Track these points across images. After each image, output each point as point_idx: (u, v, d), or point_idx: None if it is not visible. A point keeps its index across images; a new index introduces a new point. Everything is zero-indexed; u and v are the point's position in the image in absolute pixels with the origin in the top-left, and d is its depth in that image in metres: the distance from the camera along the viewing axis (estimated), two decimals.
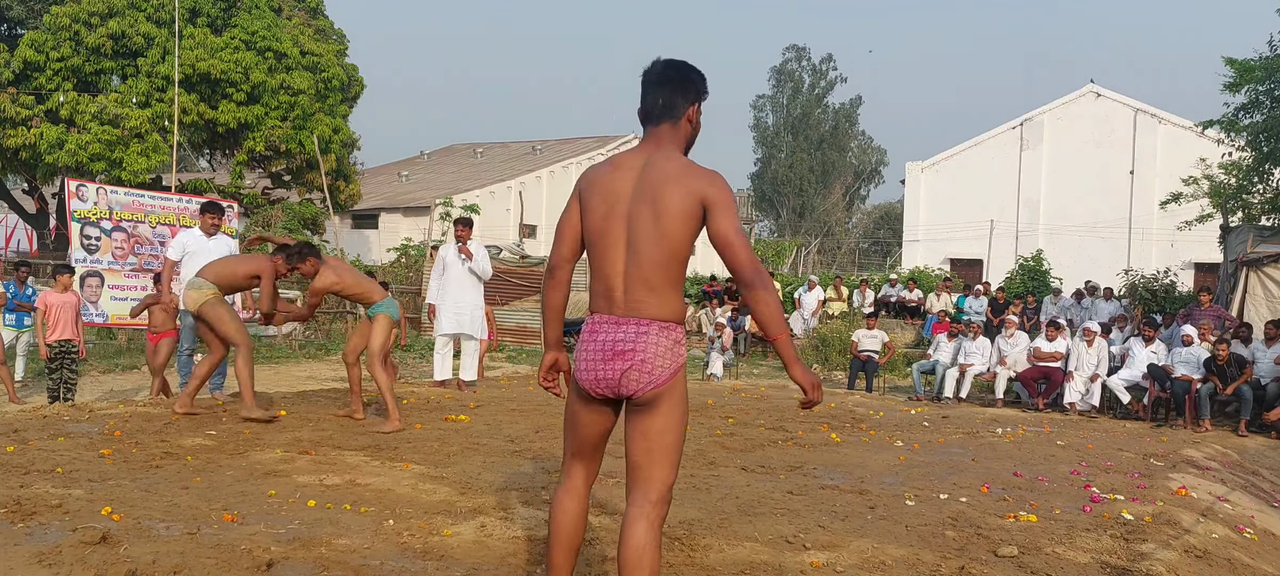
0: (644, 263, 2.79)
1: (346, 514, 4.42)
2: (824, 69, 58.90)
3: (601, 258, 2.85)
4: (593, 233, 2.87)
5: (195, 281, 6.97)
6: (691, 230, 2.80)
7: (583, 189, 2.93)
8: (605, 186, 2.87)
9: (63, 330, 9.65)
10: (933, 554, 4.16)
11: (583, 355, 2.86)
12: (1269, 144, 15.71)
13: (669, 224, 2.78)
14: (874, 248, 53.23)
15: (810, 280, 21.77)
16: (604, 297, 2.85)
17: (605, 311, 2.84)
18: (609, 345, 2.80)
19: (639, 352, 2.77)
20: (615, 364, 2.78)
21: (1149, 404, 11.40)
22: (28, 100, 22.01)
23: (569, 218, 2.93)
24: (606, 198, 2.85)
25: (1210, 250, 23.11)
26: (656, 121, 2.97)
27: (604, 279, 2.84)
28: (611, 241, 2.82)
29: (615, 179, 2.87)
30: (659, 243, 2.78)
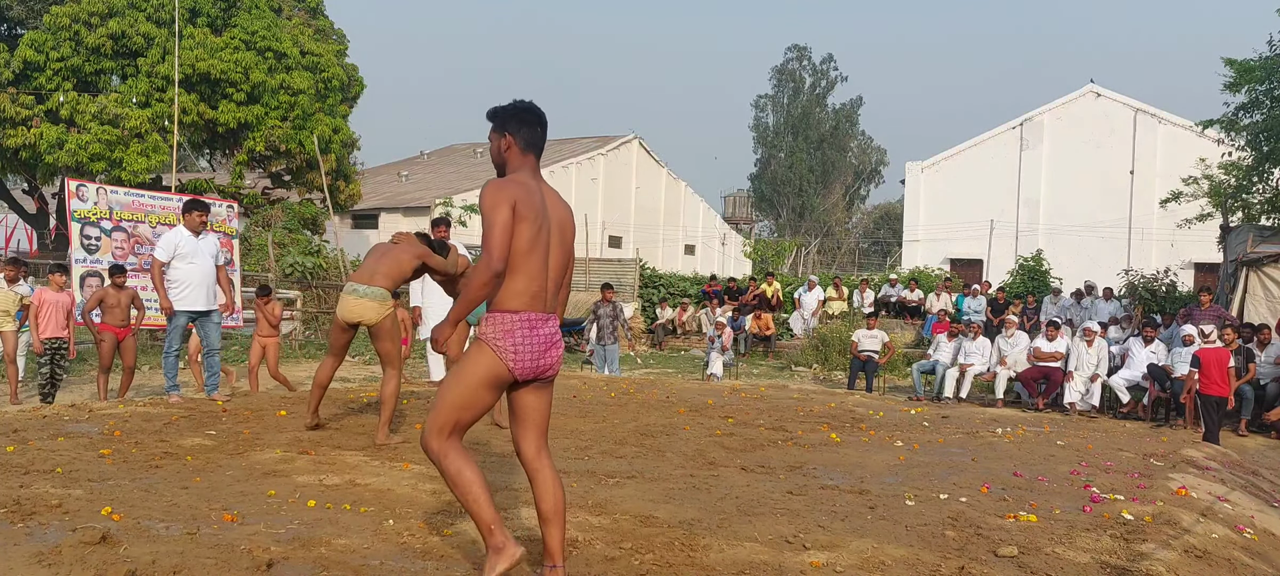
0: (555, 270, 3.47)
1: (346, 514, 4.42)
2: (825, 69, 58.96)
3: (538, 263, 3.37)
4: (527, 240, 3.33)
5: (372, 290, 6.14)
6: None
7: (516, 200, 3.32)
8: (533, 203, 3.37)
9: (55, 328, 9.64)
10: (933, 554, 4.16)
11: (522, 346, 3.33)
12: (1269, 144, 15.71)
13: (569, 242, 3.56)
14: (874, 248, 53.24)
15: (810, 280, 21.77)
16: (538, 298, 3.38)
17: (539, 309, 3.39)
18: (547, 338, 3.40)
19: (561, 343, 3.52)
20: (553, 352, 3.44)
21: (1149, 404, 11.40)
22: (28, 100, 22.01)
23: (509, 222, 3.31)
24: (536, 212, 3.37)
25: (1210, 250, 23.11)
26: (537, 154, 3.56)
27: (538, 280, 3.37)
28: (541, 250, 3.38)
29: (535, 197, 3.40)
30: (563, 256, 3.52)
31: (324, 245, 22.23)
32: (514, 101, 3.58)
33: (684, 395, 9.66)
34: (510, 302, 3.34)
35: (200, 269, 8.21)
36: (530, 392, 3.44)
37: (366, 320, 6.12)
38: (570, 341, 19.11)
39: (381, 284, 6.19)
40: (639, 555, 3.92)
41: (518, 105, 3.57)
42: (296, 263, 19.11)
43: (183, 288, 8.18)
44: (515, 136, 3.52)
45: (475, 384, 3.33)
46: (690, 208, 42.13)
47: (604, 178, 37.89)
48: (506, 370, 3.32)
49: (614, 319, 13.38)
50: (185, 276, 8.16)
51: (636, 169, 39.70)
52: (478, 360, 3.34)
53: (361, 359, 15.89)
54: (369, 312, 6.10)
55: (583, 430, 7.20)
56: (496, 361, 3.32)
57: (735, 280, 23.69)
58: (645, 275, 22.61)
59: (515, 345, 3.31)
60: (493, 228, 3.28)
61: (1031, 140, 31.63)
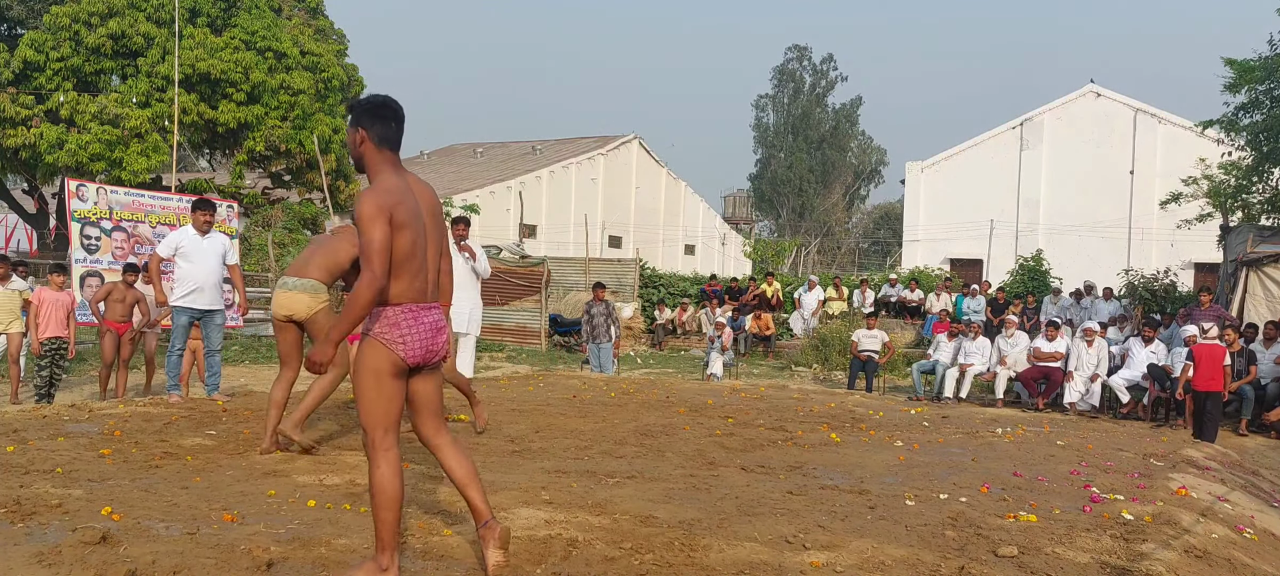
0: (433, 259, 3.67)
1: (346, 514, 4.42)
2: (825, 69, 58.97)
3: (418, 261, 3.55)
4: (408, 245, 3.49)
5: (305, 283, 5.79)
6: None
7: (392, 210, 3.46)
8: (408, 206, 3.53)
9: (54, 328, 9.63)
10: (933, 554, 4.16)
11: (411, 335, 3.50)
12: (1269, 144, 15.71)
13: (440, 225, 3.76)
14: (874, 248, 53.25)
15: (810, 280, 21.77)
16: (422, 290, 3.57)
17: (423, 299, 3.58)
18: (433, 325, 3.58)
19: (447, 329, 3.71)
20: (440, 338, 3.63)
21: (1149, 404, 11.40)
22: (28, 100, 22.01)
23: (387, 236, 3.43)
24: (412, 215, 3.53)
25: (1210, 250, 23.11)
26: (395, 149, 3.66)
27: (420, 277, 3.56)
28: (421, 247, 3.56)
29: (408, 199, 3.55)
30: (438, 245, 3.73)
31: None
32: (370, 96, 3.67)
33: (684, 395, 9.66)
34: (393, 299, 3.50)
35: (203, 268, 8.16)
36: (421, 380, 3.63)
37: (296, 314, 5.74)
38: (570, 341, 19.11)
39: (314, 276, 5.77)
40: (639, 555, 3.92)
41: (372, 99, 3.64)
42: None
43: (186, 287, 8.16)
44: (368, 131, 3.58)
45: (381, 379, 3.48)
46: (690, 208, 42.14)
47: (604, 178, 37.89)
48: (400, 358, 3.47)
49: (607, 317, 13.34)
50: (188, 275, 8.14)
51: (636, 169, 39.70)
52: (374, 358, 3.47)
53: None
54: (298, 306, 5.72)
55: (583, 430, 7.20)
56: (388, 353, 3.46)
57: (735, 280, 23.69)
58: (645, 275, 22.61)
59: (402, 336, 3.48)
60: (371, 243, 3.38)
61: (1031, 140, 31.63)
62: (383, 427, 3.48)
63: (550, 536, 4.12)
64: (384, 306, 3.48)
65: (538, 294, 19.74)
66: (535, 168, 36.91)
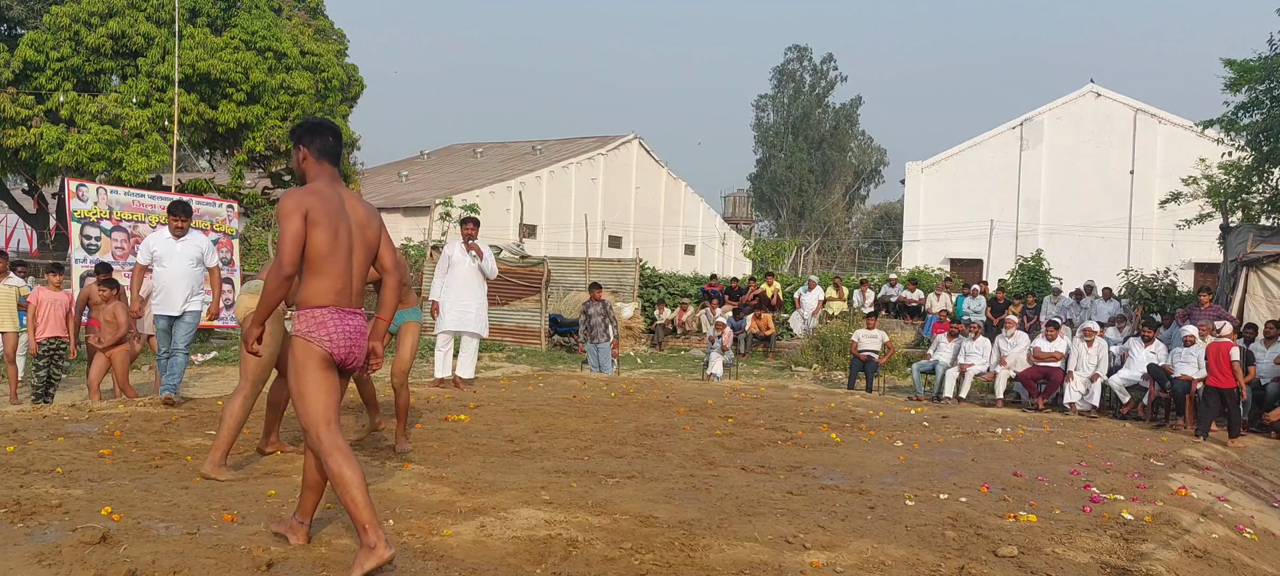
0: (358, 267, 3.81)
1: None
2: (824, 69, 58.95)
3: (340, 263, 3.71)
4: (326, 244, 3.65)
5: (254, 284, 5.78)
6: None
7: (309, 208, 3.64)
8: (329, 209, 3.69)
9: (53, 328, 9.61)
10: (933, 554, 4.16)
11: (335, 334, 3.68)
12: (1269, 144, 15.71)
13: (371, 240, 3.88)
14: (874, 248, 53.23)
15: (810, 280, 21.76)
16: (343, 294, 3.73)
17: (345, 304, 3.74)
18: (355, 329, 3.77)
19: (366, 338, 3.88)
20: (361, 343, 3.80)
21: (1149, 404, 11.40)
22: (28, 100, 22.00)
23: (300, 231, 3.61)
24: (333, 217, 3.69)
25: (1210, 250, 23.10)
26: (333, 161, 3.89)
27: (342, 279, 3.72)
28: (342, 251, 3.72)
29: (331, 203, 3.71)
30: (365, 253, 3.85)
31: None
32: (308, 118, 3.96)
33: (684, 395, 9.66)
34: (317, 299, 3.68)
35: (171, 272, 7.92)
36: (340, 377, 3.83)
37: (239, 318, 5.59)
38: (570, 341, 19.11)
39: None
40: (639, 555, 3.92)
41: (310, 120, 3.96)
42: None
43: (156, 292, 7.99)
44: (309, 148, 3.86)
45: (314, 375, 3.65)
46: (690, 208, 42.13)
47: (604, 178, 37.89)
48: (327, 352, 3.67)
49: (604, 317, 13.32)
50: (158, 279, 7.98)
51: (636, 169, 39.70)
52: (304, 355, 3.65)
53: None
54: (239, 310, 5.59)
55: (583, 430, 7.20)
56: (317, 348, 3.66)
57: (736, 280, 23.68)
58: (645, 275, 22.60)
59: (329, 334, 3.67)
60: (284, 236, 3.60)
61: (1031, 140, 31.63)
62: (324, 422, 3.62)
63: (550, 536, 4.12)
64: (311, 307, 3.67)
65: (538, 294, 19.74)
66: (535, 168, 36.91)
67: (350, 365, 3.78)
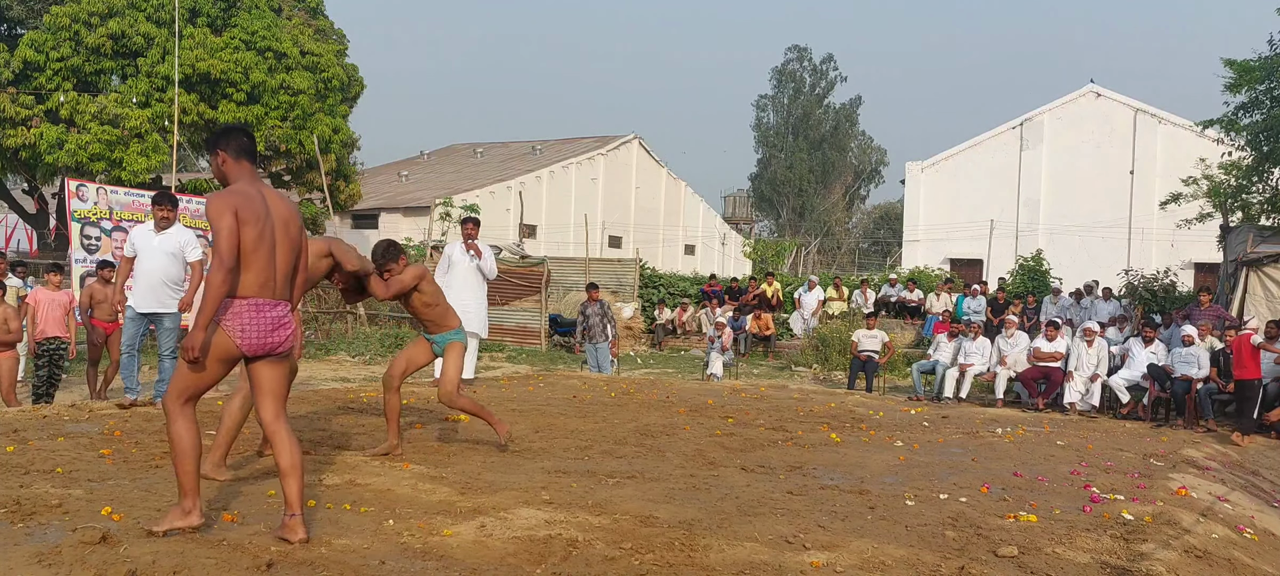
0: (283, 262, 4.04)
1: (346, 514, 4.42)
2: (824, 69, 58.96)
3: (265, 258, 3.94)
4: (252, 240, 3.89)
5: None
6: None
7: (236, 207, 3.87)
8: (254, 208, 3.92)
9: (53, 328, 9.60)
10: (933, 554, 4.16)
11: (249, 327, 3.91)
12: (1269, 144, 15.70)
13: (294, 236, 4.12)
14: (874, 248, 53.23)
15: (810, 280, 21.76)
16: (267, 286, 3.96)
17: (268, 296, 3.97)
18: (275, 319, 3.99)
19: (290, 325, 4.09)
20: (281, 331, 4.02)
21: (1149, 404, 11.40)
22: (28, 100, 21.99)
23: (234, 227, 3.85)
24: (258, 215, 3.92)
25: (1210, 250, 23.10)
26: (250, 159, 4.12)
27: (266, 272, 3.95)
28: (267, 246, 3.95)
29: (255, 202, 3.94)
30: (289, 248, 4.08)
31: None
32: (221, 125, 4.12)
33: (684, 395, 9.66)
34: (241, 292, 3.91)
35: (147, 267, 7.61)
36: (266, 366, 4.03)
37: None
38: (570, 341, 19.12)
39: None
40: (639, 555, 3.92)
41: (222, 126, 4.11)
42: None
43: (135, 286, 7.70)
44: (226, 150, 4.07)
45: (210, 360, 3.90)
46: (690, 207, 42.13)
47: (604, 178, 37.89)
48: (235, 347, 3.91)
49: (603, 317, 13.31)
50: (137, 273, 7.69)
51: (636, 169, 39.70)
52: (215, 341, 3.89)
53: (361, 359, 15.90)
54: None
55: (583, 430, 7.20)
56: (226, 339, 3.90)
57: (736, 280, 23.68)
58: (645, 275, 22.60)
59: (242, 327, 3.91)
60: (220, 233, 3.84)
61: (1031, 140, 31.63)
62: (185, 397, 3.95)
63: (550, 536, 4.12)
64: (231, 299, 3.90)
65: (538, 294, 19.74)
66: (535, 168, 36.91)
67: (271, 350, 4.00)
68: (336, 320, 19.27)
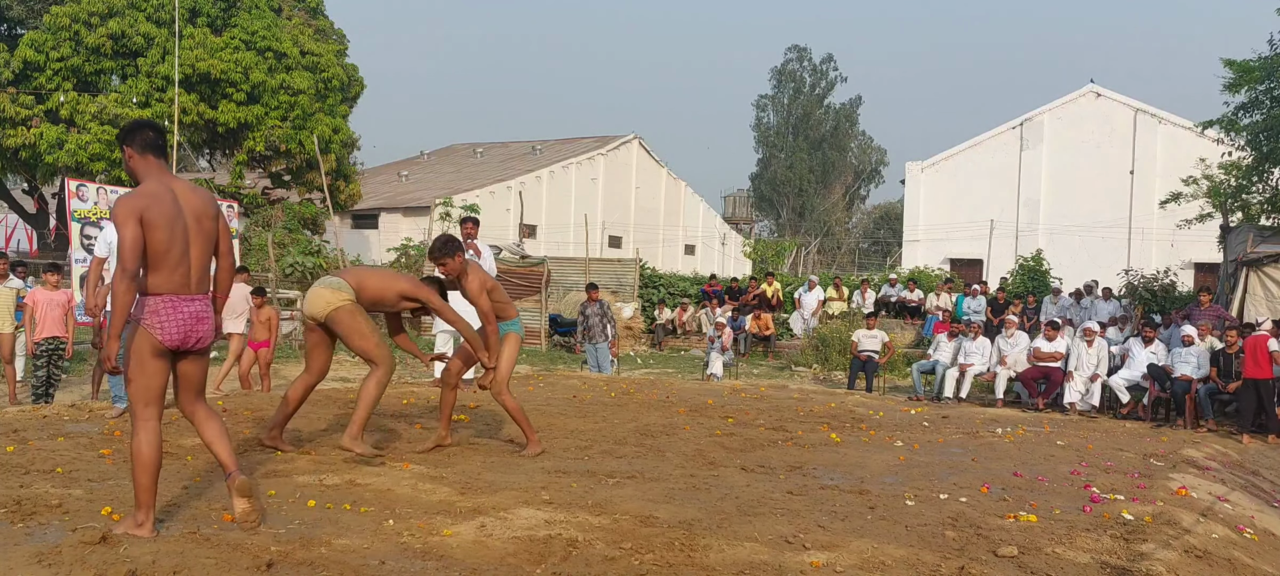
0: (197, 256, 4.10)
1: (346, 514, 4.42)
2: (824, 69, 58.96)
3: (177, 255, 4.01)
4: (163, 242, 3.95)
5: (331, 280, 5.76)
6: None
7: (142, 211, 3.92)
8: (163, 208, 3.97)
9: (51, 328, 9.59)
10: (933, 554, 4.16)
11: (167, 322, 3.99)
12: (1269, 144, 15.70)
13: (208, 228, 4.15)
14: (874, 248, 53.22)
15: (810, 280, 21.75)
16: (182, 283, 4.04)
17: (184, 292, 4.05)
18: (193, 314, 4.07)
19: (210, 317, 4.18)
20: (201, 326, 4.11)
21: (1149, 404, 11.40)
22: (28, 100, 21.98)
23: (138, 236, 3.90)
24: (167, 216, 3.98)
25: (1210, 250, 23.10)
26: (157, 154, 4.17)
27: (180, 269, 4.02)
28: (179, 244, 4.01)
29: (164, 201, 3.99)
30: (203, 241, 4.12)
31: (324, 245, 22.23)
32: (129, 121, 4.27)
33: (684, 395, 9.66)
34: (155, 290, 4.00)
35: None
36: (187, 362, 4.18)
37: (315, 312, 5.64)
38: (570, 341, 19.11)
39: (347, 280, 5.71)
40: (639, 555, 3.92)
41: (130, 121, 4.30)
42: (296, 263, 19.12)
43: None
44: (132, 146, 4.11)
45: (143, 359, 3.98)
46: (690, 207, 42.12)
47: (604, 178, 37.88)
48: (158, 341, 3.98)
49: (602, 317, 13.30)
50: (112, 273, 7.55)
51: (636, 169, 39.69)
52: (139, 341, 3.98)
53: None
54: (318, 303, 5.63)
55: (583, 430, 7.20)
56: (149, 335, 3.97)
57: (736, 280, 23.67)
58: (645, 275, 22.60)
59: (161, 322, 3.99)
60: (123, 241, 3.90)
61: (1031, 140, 31.63)
62: (144, 401, 4.00)
63: (550, 536, 4.12)
64: (148, 295, 3.98)
65: (538, 294, 19.74)
66: (535, 168, 36.90)
67: (193, 345, 4.11)
68: None
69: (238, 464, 4.18)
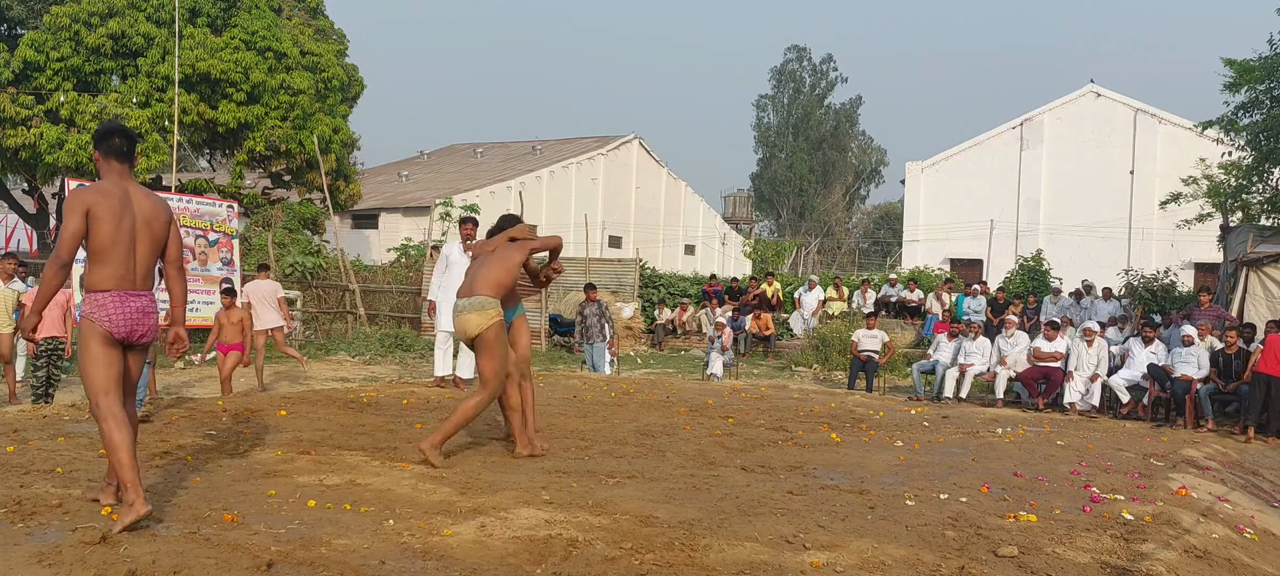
0: (143, 255, 4.28)
1: (346, 514, 4.42)
2: (824, 69, 58.94)
3: (123, 252, 4.19)
4: (108, 237, 4.14)
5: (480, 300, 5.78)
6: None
7: (90, 206, 4.10)
8: (111, 205, 4.16)
9: (50, 328, 9.59)
10: (933, 554, 4.16)
11: (114, 315, 4.17)
12: (1269, 144, 15.70)
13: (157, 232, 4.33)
14: (874, 248, 53.23)
15: (810, 280, 21.75)
16: (125, 279, 4.21)
17: (128, 288, 4.23)
18: (138, 309, 4.26)
19: (154, 313, 4.36)
20: (145, 321, 4.29)
21: (1149, 404, 11.40)
22: (28, 100, 21.97)
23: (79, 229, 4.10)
24: (115, 212, 4.16)
25: (1210, 250, 23.10)
26: (119, 158, 4.33)
27: (124, 265, 4.20)
28: (125, 242, 4.19)
29: (113, 199, 4.18)
30: (150, 242, 4.30)
31: (324, 245, 22.23)
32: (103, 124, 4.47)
33: (684, 395, 9.66)
34: (100, 285, 4.19)
35: None
36: (128, 357, 4.33)
37: (470, 333, 5.72)
38: (570, 341, 19.11)
39: (483, 292, 5.79)
40: (639, 555, 3.92)
41: (103, 126, 4.43)
42: (297, 263, 19.12)
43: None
44: (98, 149, 4.33)
45: (96, 351, 4.16)
46: (690, 207, 42.13)
47: (604, 178, 37.88)
48: (106, 331, 4.16)
49: (600, 317, 13.31)
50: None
51: (636, 169, 39.70)
52: (88, 336, 4.16)
53: (361, 359, 15.89)
54: (471, 326, 5.70)
55: (583, 430, 7.20)
56: (97, 327, 4.15)
57: (736, 280, 23.67)
58: (645, 275, 22.59)
59: (108, 315, 4.16)
60: (64, 231, 4.10)
61: (1031, 140, 31.62)
62: (102, 392, 4.14)
63: (550, 536, 4.12)
64: (94, 291, 4.17)
65: (537, 293, 19.71)
66: (535, 168, 36.90)
67: (135, 340, 4.28)
68: (336, 320, 19.27)
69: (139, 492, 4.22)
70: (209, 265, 12.55)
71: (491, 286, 5.85)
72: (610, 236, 36.33)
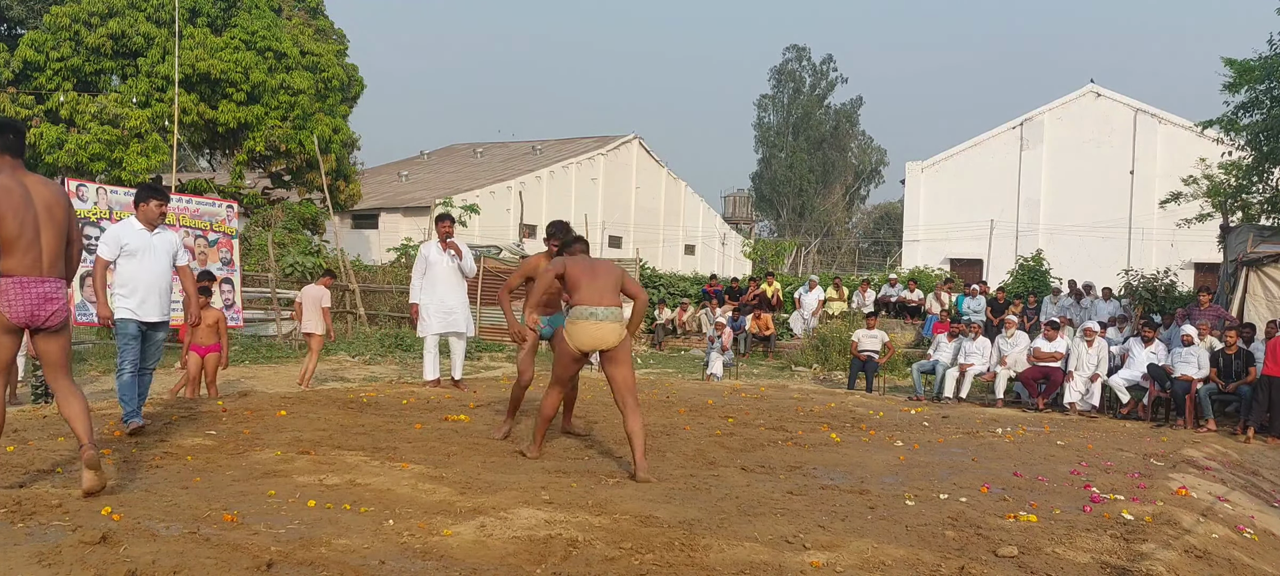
0: (49, 243, 4.55)
1: (346, 514, 4.42)
2: (824, 69, 58.98)
3: (28, 242, 4.47)
4: (13, 231, 4.41)
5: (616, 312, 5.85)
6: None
7: None
8: (13, 201, 4.42)
9: None
10: (933, 554, 4.16)
11: (15, 302, 4.47)
12: (1269, 144, 15.70)
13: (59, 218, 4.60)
14: (874, 248, 53.25)
15: (810, 280, 21.75)
16: (32, 267, 4.49)
17: (34, 275, 4.51)
18: (42, 294, 4.54)
19: (61, 298, 4.63)
20: (49, 306, 4.56)
21: (1149, 404, 11.39)
22: (28, 100, 21.99)
23: None
24: (18, 207, 4.43)
25: (1210, 250, 23.10)
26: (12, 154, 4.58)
27: (30, 254, 4.48)
28: (30, 232, 4.47)
29: (14, 194, 4.44)
30: (54, 229, 4.59)
31: (324, 245, 22.24)
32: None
33: (684, 395, 9.66)
34: (7, 272, 4.45)
35: (150, 270, 6.53)
36: (42, 340, 4.64)
37: (608, 343, 5.80)
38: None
39: (614, 303, 5.86)
40: (639, 555, 3.92)
41: None
42: (296, 262, 19.12)
43: (130, 292, 6.49)
44: None
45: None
46: (690, 207, 42.14)
47: (604, 178, 37.89)
48: (6, 319, 4.48)
49: None
50: (132, 277, 6.50)
51: (636, 169, 39.71)
52: None
53: (361, 359, 15.89)
54: (610, 336, 5.78)
55: (582, 430, 7.20)
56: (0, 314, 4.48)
57: (736, 280, 23.67)
58: (645, 275, 22.60)
59: (9, 302, 4.47)
60: None
61: (1031, 140, 31.63)
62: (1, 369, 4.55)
63: (550, 536, 4.12)
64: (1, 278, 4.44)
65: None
66: (535, 168, 36.91)
67: (43, 323, 4.57)
68: (336, 320, 19.25)
69: (93, 441, 4.57)
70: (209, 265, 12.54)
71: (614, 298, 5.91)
72: (610, 236, 36.34)
